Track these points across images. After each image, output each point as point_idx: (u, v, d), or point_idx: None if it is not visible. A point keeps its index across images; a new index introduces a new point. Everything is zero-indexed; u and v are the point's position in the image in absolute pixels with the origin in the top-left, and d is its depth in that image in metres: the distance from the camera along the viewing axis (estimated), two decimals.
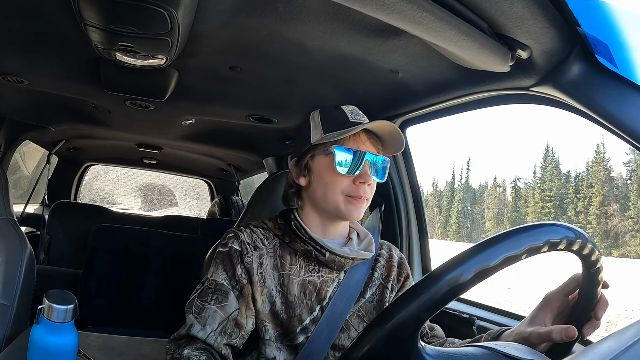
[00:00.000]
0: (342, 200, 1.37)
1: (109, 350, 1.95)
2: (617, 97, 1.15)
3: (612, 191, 48.96)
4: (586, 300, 1.09)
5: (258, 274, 1.37)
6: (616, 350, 0.57)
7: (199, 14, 1.40)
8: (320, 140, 1.39)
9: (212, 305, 1.33)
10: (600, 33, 1.08)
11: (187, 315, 1.34)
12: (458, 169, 70.48)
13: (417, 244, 2.34)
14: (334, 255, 1.38)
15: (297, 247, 1.41)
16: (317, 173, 1.41)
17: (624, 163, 50.14)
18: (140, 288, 3.36)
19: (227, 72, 1.90)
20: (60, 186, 4.87)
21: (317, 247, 1.38)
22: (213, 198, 5.49)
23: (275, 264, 1.40)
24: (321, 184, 1.39)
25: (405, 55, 1.55)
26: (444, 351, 0.93)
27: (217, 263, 1.39)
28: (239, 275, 1.35)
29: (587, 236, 0.96)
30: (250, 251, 1.38)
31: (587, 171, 51.02)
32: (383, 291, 1.51)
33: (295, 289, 1.38)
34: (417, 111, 1.97)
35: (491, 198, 57.57)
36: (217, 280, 1.36)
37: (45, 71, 2.08)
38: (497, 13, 1.16)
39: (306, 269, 1.41)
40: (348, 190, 1.37)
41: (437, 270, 0.86)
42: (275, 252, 1.42)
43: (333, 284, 1.42)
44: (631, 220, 45.88)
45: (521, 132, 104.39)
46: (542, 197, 52.79)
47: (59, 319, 1.38)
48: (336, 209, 1.38)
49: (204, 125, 3.01)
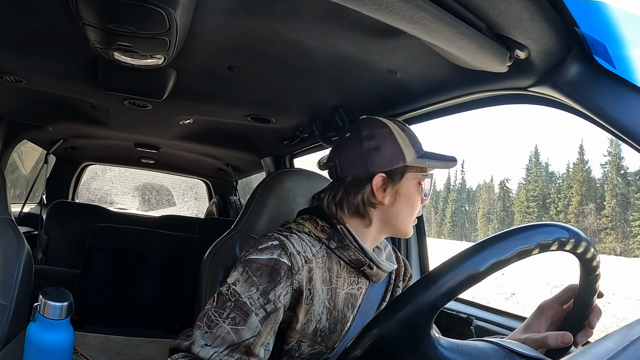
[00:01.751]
0: (412, 221, 1.40)
1: (107, 350, 1.95)
2: (615, 97, 1.15)
3: (590, 191, 51.43)
4: (581, 308, 1.10)
5: (307, 290, 1.24)
6: (614, 350, 0.57)
7: (198, 13, 1.39)
8: (416, 164, 1.37)
9: (227, 325, 1.14)
10: (598, 33, 1.08)
11: (195, 329, 1.17)
12: (452, 170, 72.55)
13: (415, 244, 2.34)
14: (379, 269, 1.36)
15: (347, 255, 1.32)
16: (406, 195, 1.37)
17: (601, 164, 52.69)
18: (138, 288, 3.36)
19: (225, 72, 1.89)
20: (58, 186, 4.86)
21: (368, 259, 1.33)
22: (211, 198, 5.49)
23: (324, 277, 1.29)
24: (408, 207, 1.38)
25: (404, 55, 1.54)
26: (455, 342, 0.94)
27: (247, 273, 1.20)
28: (276, 296, 1.18)
29: (583, 236, 0.97)
30: (301, 267, 1.23)
31: (567, 172, 53.60)
32: (394, 289, 1.53)
33: (341, 304, 1.32)
34: (415, 111, 1.97)
35: (482, 198, 59.67)
36: (240, 293, 1.17)
37: (43, 70, 2.07)
38: (495, 13, 1.16)
39: (349, 280, 1.35)
40: (417, 212, 1.41)
41: (456, 257, 0.87)
42: (324, 263, 1.30)
43: (362, 292, 1.39)
44: (606, 218, 48.15)
45: (511, 134, 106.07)
46: (527, 197, 55.26)
47: (54, 316, 1.38)
48: (407, 230, 1.40)
49: (202, 125, 3.00)
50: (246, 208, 1.75)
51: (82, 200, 6.07)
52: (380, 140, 1.36)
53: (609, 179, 50.94)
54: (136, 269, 3.38)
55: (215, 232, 1.94)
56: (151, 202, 9.71)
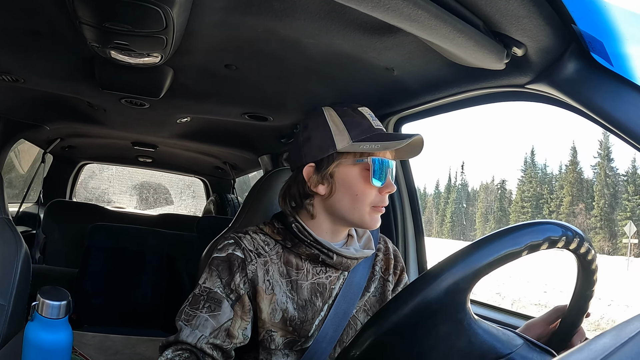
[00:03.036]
0: (368, 211, 1.33)
1: (105, 349, 1.96)
2: (613, 94, 1.15)
3: (581, 192, 55.05)
4: (568, 328, 1.13)
5: (265, 281, 1.32)
6: (612, 347, 0.58)
7: (194, 11, 1.39)
8: (350, 149, 1.32)
9: (204, 314, 1.26)
10: (596, 31, 1.08)
11: (176, 323, 1.28)
12: (453, 172, 77.06)
13: (413, 241, 2.34)
14: (341, 257, 1.36)
15: (302, 251, 1.36)
16: (344, 183, 1.33)
17: (591, 166, 56.78)
18: (136, 287, 3.35)
19: (223, 70, 1.89)
20: (55, 185, 4.85)
21: (324, 250, 1.35)
22: (209, 196, 5.48)
23: (281, 270, 1.35)
24: (349, 195, 1.33)
25: (401, 53, 1.55)
26: (482, 320, 1.01)
27: (211, 270, 1.32)
28: (236, 284, 1.29)
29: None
30: (254, 258, 1.32)
31: (559, 173, 57.79)
32: (384, 284, 1.52)
33: (306, 293, 1.35)
34: (413, 109, 1.97)
35: (480, 198, 63.47)
36: (210, 287, 1.30)
37: (40, 70, 2.07)
38: (492, 11, 1.17)
39: (314, 271, 1.37)
40: (375, 201, 1.33)
41: (497, 232, 0.96)
42: (280, 258, 1.36)
43: (339, 282, 1.40)
44: (594, 218, 51.44)
45: (510, 135, 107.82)
46: (522, 197, 58.95)
47: (52, 315, 1.38)
48: (361, 220, 1.34)
49: (199, 123, 3.00)
50: (244, 206, 1.75)
51: (80, 199, 6.05)
52: (312, 130, 1.38)
53: (598, 180, 53.84)
54: (134, 267, 3.38)
55: (213, 231, 1.94)
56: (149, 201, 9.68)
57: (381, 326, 0.94)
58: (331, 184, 1.34)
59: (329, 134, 1.33)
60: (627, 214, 50.61)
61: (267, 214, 1.67)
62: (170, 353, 1.22)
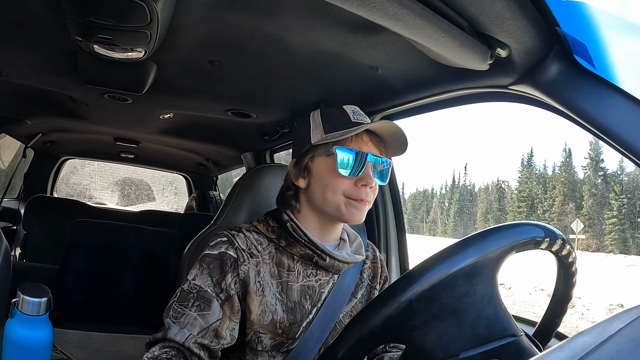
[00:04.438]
0: (342, 201, 1.33)
1: (86, 347, 1.94)
2: (594, 96, 1.16)
3: (574, 192, 57.90)
4: (548, 328, 1.18)
5: (256, 282, 1.31)
6: (592, 345, 0.58)
7: (179, 7, 1.39)
8: (321, 141, 1.34)
9: (193, 312, 1.24)
10: (579, 33, 1.09)
11: (164, 319, 1.26)
12: (456, 173, 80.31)
13: (395, 243, 2.35)
14: (334, 260, 1.36)
15: (296, 250, 1.36)
16: (317, 175, 1.36)
17: (582, 167, 60.09)
18: (117, 284, 3.32)
19: (207, 66, 1.89)
20: (36, 180, 4.79)
21: (318, 251, 1.35)
22: (191, 193, 5.46)
23: (272, 271, 1.34)
24: (321, 186, 1.35)
25: (385, 51, 1.55)
26: None
27: (202, 267, 1.30)
28: (227, 284, 1.27)
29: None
30: (246, 259, 1.31)
31: (552, 173, 60.55)
32: (371, 291, 1.53)
33: (295, 295, 1.35)
34: (396, 107, 1.98)
35: (481, 198, 66.91)
36: (200, 285, 1.27)
37: (23, 63, 2.05)
38: (477, 12, 1.17)
39: (304, 273, 1.38)
40: (349, 193, 1.33)
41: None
42: (272, 259, 1.36)
43: (328, 286, 1.41)
44: (583, 217, 53.53)
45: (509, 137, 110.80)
46: (518, 197, 61.80)
47: (33, 312, 1.36)
48: (337, 211, 1.34)
49: (182, 119, 2.99)
50: (226, 203, 1.75)
51: (61, 195, 6.00)
52: (299, 131, 1.44)
53: (588, 180, 56.37)
54: (116, 264, 3.35)
55: (195, 228, 1.93)
56: (130, 197, 9.64)
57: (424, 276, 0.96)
58: (308, 176, 1.38)
59: (308, 130, 1.38)
60: (613, 213, 52.77)
61: (249, 211, 1.67)
62: (157, 350, 1.21)
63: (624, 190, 54.21)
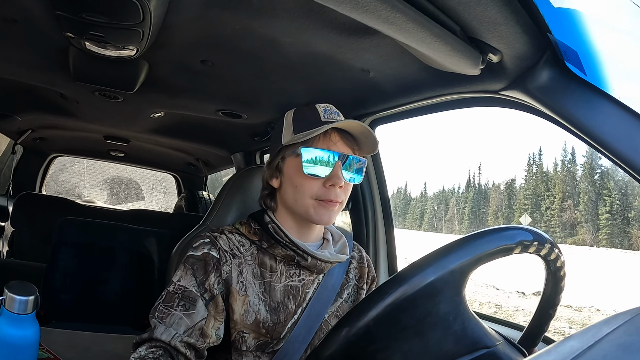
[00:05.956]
0: (312, 204, 1.33)
1: (74, 346, 1.93)
2: (585, 103, 1.17)
3: (573, 189, 60.77)
4: (536, 331, 1.18)
5: (239, 282, 1.32)
6: (579, 350, 0.59)
7: (172, 5, 1.38)
8: (291, 141, 1.35)
9: (178, 312, 1.25)
10: (571, 40, 1.10)
11: (150, 320, 1.27)
12: (472, 173, 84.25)
13: (384, 244, 2.35)
14: (316, 260, 1.37)
15: (278, 252, 1.37)
16: (287, 175, 1.37)
17: (580, 164, 62.54)
18: (105, 283, 3.30)
19: (198, 66, 1.88)
20: (25, 177, 4.76)
21: (299, 252, 1.36)
22: (180, 192, 5.45)
23: (255, 272, 1.35)
24: (291, 187, 1.36)
25: (377, 54, 1.55)
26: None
27: (186, 267, 1.31)
28: (210, 284, 1.29)
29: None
30: (229, 259, 1.33)
31: (554, 171, 62.95)
32: (358, 291, 1.54)
33: (279, 296, 1.36)
34: (387, 111, 1.98)
35: (492, 197, 71.40)
36: (185, 286, 1.28)
37: (14, 59, 2.03)
38: (470, 17, 1.18)
39: (287, 274, 1.38)
40: (318, 194, 1.33)
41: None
42: (254, 259, 1.37)
43: (312, 286, 1.41)
44: (580, 213, 56.22)
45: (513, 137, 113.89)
46: (524, 195, 65.52)
47: (19, 310, 1.35)
48: (306, 213, 1.35)
49: (173, 118, 2.98)
50: (215, 203, 1.75)
51: (50, 192, 5.95)
52: (275, 130, 1.46)
53: (583, 177, 59.37)
54: (104, 263, 3.32)
55: (184, 228, 1.93)
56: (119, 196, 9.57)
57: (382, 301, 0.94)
58: (280, 177, 1.40)
59: (280, 132, 1.40)
60: (607, 208, 54.95)
61: (238, 212, 1.67)
62: (144, 350, 1.21)
63: (615, 187, 56.20)
